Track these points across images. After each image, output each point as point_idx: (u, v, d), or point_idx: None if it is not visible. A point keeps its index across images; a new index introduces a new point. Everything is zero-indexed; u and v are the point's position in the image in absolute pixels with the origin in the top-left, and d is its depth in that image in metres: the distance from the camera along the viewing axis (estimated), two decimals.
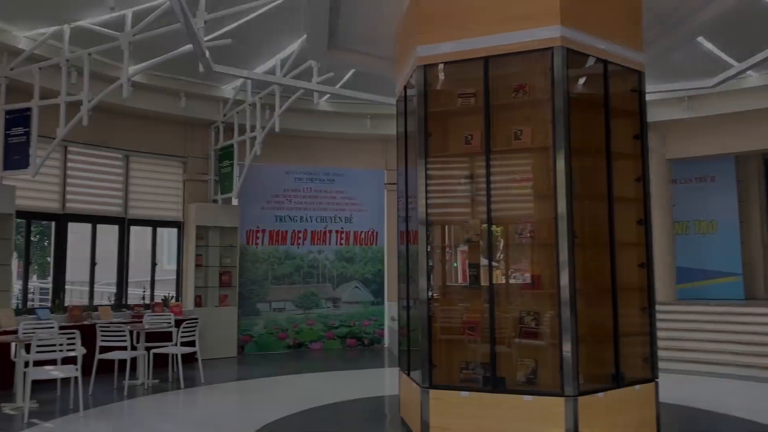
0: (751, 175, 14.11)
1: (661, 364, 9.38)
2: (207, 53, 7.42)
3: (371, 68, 7.18)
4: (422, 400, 5.12)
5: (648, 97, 12.32)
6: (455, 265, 5.93)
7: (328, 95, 11.90)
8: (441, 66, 5.44)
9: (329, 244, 12.66)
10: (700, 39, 9.66)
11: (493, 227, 5.56)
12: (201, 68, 7.75)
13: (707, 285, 13.65)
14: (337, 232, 12.73)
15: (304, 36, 7.45)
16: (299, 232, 12.43)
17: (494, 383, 4.99)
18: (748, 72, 10.97)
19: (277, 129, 10.44)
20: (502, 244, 5.65)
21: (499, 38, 5.06)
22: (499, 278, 5.65)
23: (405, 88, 5.92)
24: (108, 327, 8.16)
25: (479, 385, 5.12)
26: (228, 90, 11.59)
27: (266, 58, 10.13)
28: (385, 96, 9.38)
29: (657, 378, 5.37)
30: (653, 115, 12.45)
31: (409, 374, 5.77)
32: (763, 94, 11.42)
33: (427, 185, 5.32)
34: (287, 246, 12.32)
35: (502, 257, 5.66)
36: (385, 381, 9.36)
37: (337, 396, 7.83)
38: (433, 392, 5.10)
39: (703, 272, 13.79)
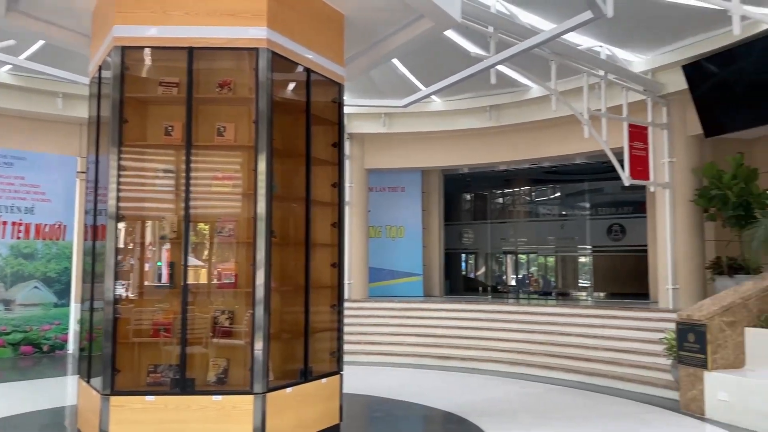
0: (432, 187, 16.09)
1: (352, 357, 10.23)
2: None
3: (63, 42, 6.40)
4: (102, 409, 4.71)
5: (350, 110, 13.35)
6: (159, 264, 5.60)
7: (10, 66, 10.35)
8: (141, 50, 5.10)
9: (3, 237, 10.99)
10: (396, 62, 10.70)
11: (200, 225, 5.39)
12: None
13: (394, 284, 15.15)
14: (13, 223, 11.10)
15: None
16: None
17: (183, 385, 4.82)
18: (433, 97, 12.49)
19: None
20: (207, 242, 5.49)
21: (205, 30, 4.93)
22: (201, 277, 5.49)
23: (100, 68, 5.41)
24: None
25: (167, 388, 4.90)
26: None
27: None
28: (81, 75, 8.49)
29: (342, 371, 5.73)
30: (355, 127, 13.46)
31: (89, 381, 5.26)
32: (444, 118, 13.12)
33: (119, 176, 4.93)
34: None
35: (206, 256, 5.51)
36: (67, 391, 8.44)
37: (3, 411, 6.82)
38: (114, 399, 4.72)
39: (392, 272, 15.27)
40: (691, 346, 7.12)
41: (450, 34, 9.41)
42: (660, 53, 10.10)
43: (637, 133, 10.25)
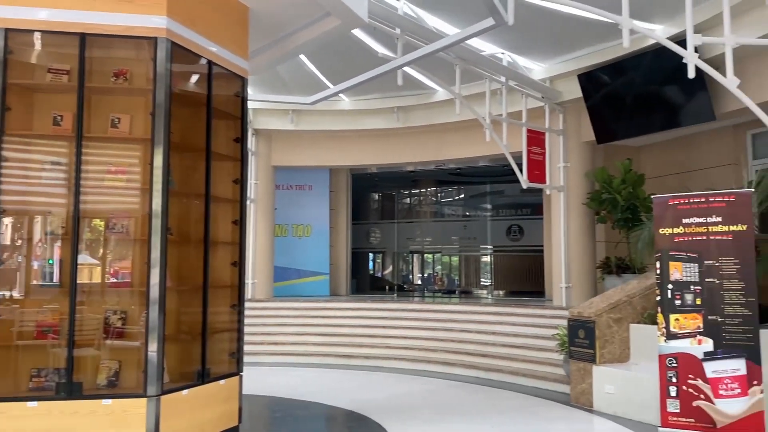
0: (340, 186, 16.09)
1: (255, 358, 10.07)
2: None
3: None
4: None
5: (257, 105, 13.10)
6: (51, 261, 5.27)
7: None
8: (28, 33, 4.78)
9: None
10: (305, 59, 10.62)
11: (96, 221, 5.12)
12: None
13: (300, 283, 15.04)
14: None
15: None
16: None
17: (69, 389, 4.56)
18: (342, 96, 12.50)
19: None
20: (101, 239, 5.22)
21: (99, 16, 4.69)
22: (94, 276, 5.22)
23: None
24: None
25: (52, 393, 4.63)
26: None
27: None
28: None
29: (242, 372, 5.61)
30: (261, 123, 13.25)
31: None
32: (352, 117, 13.15)
33: (0, 167, 4.61)
34: None
35: (101, 253, 5.24)
36: None
37: None
38: None
39: (298, 272, 15.15)
40: (582, 341, 7.51)
41: (359, 34, 9.45)
42: (557, 62, 10.58)
43: (535, 138, 10.71)
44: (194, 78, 5.47)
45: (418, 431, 6.34)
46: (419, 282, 20.85)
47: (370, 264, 21.61)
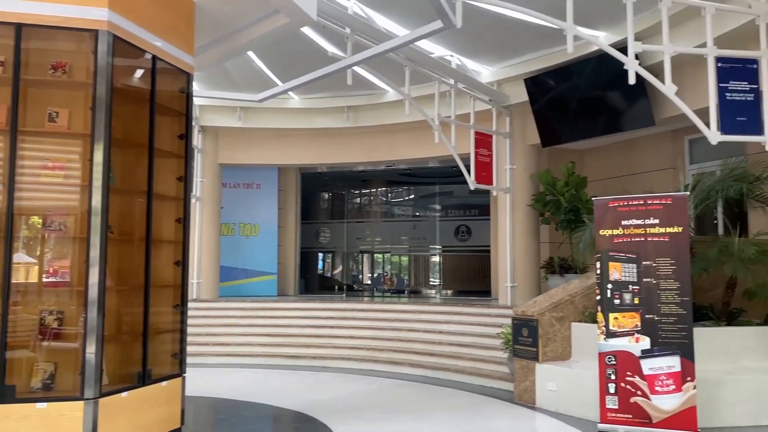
0: (290, 185, 15.96)
1: (200, 359, 9.91)
2: None
3: None
4: None
5: (203, 102, 12.89)
6: None
7: None
8: None
9: None
10: (254, 56, 10.50)
11: (33, 219, 4.94)
12: None
13: (247, 283, 14.84)
14: None
15: None
16: None
17: (0, 393, 4.39)
18: (291, 94, 12.41)
19: None
20: (37, 237, 5.03)
21: (37, 6, 4.53)
22: (31, 275, 5.03)
23: None
24: None
25: None
26: None
27: None
28: None
29: (185, 373, 5.50)
30: (208, 120, 13.04)
31: None
32: (301, 115, 13.06)
33: None
34: None
35: (38, 252, 5.05)
36: None
37: None
38: None
39: (245, 271, 14.94)
40: (525, 340, 7.66)
41: (309, 32, 9.39)
42: (505, 66, 10.76)
43: (483, 141, 10.86)
44: (137, 72, 5.34)
45: (364, 430, 6.35)
46: (369, 282, 20.86)
47: (320, 264, 21.50)
